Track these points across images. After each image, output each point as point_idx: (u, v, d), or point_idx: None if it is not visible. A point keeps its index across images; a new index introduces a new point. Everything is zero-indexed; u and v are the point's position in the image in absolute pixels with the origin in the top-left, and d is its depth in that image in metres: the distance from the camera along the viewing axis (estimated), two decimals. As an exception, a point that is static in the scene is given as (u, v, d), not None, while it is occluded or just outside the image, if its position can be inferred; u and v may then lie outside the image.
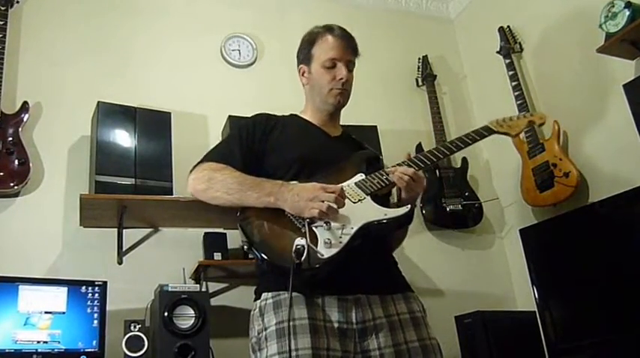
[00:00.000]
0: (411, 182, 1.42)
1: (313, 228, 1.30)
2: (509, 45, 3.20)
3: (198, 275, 2.54)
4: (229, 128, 2.74)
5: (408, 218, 1.39)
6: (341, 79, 1.53)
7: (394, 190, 1.54)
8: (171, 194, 2.51)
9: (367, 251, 1.35)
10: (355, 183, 1.43)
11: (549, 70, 3.09)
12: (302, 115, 1.64)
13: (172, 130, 2.65)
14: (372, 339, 1.33)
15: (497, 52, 3.23)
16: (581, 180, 2.74)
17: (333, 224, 1.31)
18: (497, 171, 3.40)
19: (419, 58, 3.53)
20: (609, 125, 2.73)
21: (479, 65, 3.61)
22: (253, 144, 1.50)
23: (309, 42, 1.61)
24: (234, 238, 2.71)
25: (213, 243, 2.59)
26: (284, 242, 1.27)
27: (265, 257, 1.30)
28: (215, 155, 1.51)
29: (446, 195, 3.14)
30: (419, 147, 3.18)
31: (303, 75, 1.63)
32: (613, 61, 2.62)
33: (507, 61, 3.16)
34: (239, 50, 3.19)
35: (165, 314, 2.20)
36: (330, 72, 1.54)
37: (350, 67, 1.57)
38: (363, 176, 1.45)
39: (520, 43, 3.24)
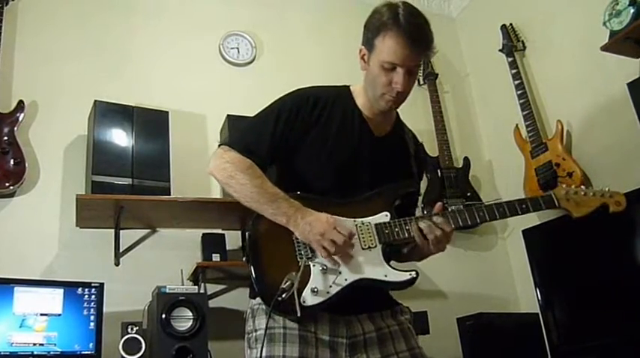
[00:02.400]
0: (439, 239, 1.33)
1: (310, 265, 1.30)
2: (512, 43, 3.19)
3: (196, 276, 2.52)
4: (228, 127, 2.72)
5: (409, 284, 1.33)
6: (397, 87, 1.38)
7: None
8: (169, 194, 2.50)
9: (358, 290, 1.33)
10: (375, 224, 1.35)
11: (552, 68, 3.07)
12: (355, 96, 1.48)
13: (170, 130, 2.64)
14: (361, 353, 1.34)
15: (500, 51, 3.22)
16: (585, 180, 2.71)
17: (329, 267, 1.29)
18: (500, 171, 3.38)
19: (420, 57, 3.50)
20: (613, 124, 2.70)
21: (481, 64, 3.59)
22: (290, 135, 1.40)
23: (375, 27, 1.38)
24: (233, 239, 2.71)
25: (212, 244, 2.58)
26: (277, 270, 1.28)
27: (253, 278, 1.32)
28: (243, 143, 1.40)
29: (448, 196, 3.11)
30: (421, 148, 3.15)
31: (362, 58, 1.44)
32: (617, 59, 2.59)
33: (510, 59, 3.14)
34: (238, 48, 3.18)
35: (163, 316, 2.19)
36: (388, 75, 1.37)
37: (413, 70, 1.41)
38: (388, 217, 1.36)
39: (523, 41, 3.22)
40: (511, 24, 3.25)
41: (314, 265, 1.29)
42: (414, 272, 1.33)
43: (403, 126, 1.59)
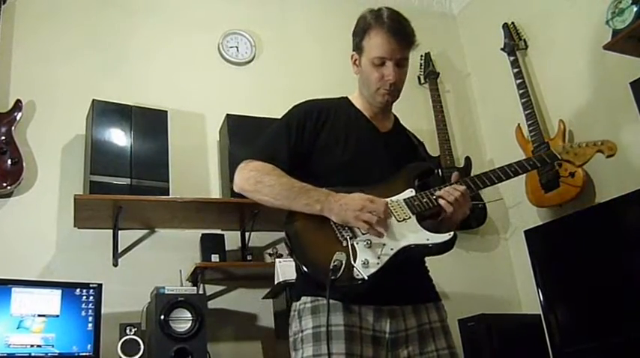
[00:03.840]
0: (456, 204, 1.39)
1: (354, 244, 1.32)
2: (514, 42, 3.17)
3: (195, 277, 2.52)
4: (227, 127, 2.71)
5: (450, 244, 1.37)
6: (388, 79, 1.47)
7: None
8: (168, 194, 2.49)
9: (404, 266, 1.35)
10: (404, 200, 1.41)
11: (555, 67, 3.05)
12: (354, 102, 1.58)
13: (169, 129, 2.63)
14: (402, 349, 1.36)
15: (502, 49, 3.20)
16: (588, 179, 2.70)
17: (374, 241, 1.32)
18: (502, 170, 3.36)
19: (421, 55, 3.48)
20: (616, 123, 2.69)
21: (483, 62, 3.57)
22: (302, 143, 1.47)
23: (361, 30, 1.51)
24: (232, 239, 2.71)
25: (211, 244, 2.57)
26: (324, 254, 1.29)
27: (304, 268, 1.33)
28: (263, 153, 1.46)
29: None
30: (422, 147, 3.14)
31: (354, 63, 1.55)
32: (620, 58, 2.58)
33: (512, 58, 3.13)
34: (237, 47, 3.16)
35: (162, 317, 2.18)
36: (379, 70, 1.47)
37: (401, 63, 1.50)
38: (413, 193, 1.43)
39: (525, 40, 3.21)
40: (513, 22, 3.23)
41: (357, 243, 1.32)
42: (452, 232, 1.37)
43: (403, 125, 1.67)
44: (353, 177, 1.44)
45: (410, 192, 1.42)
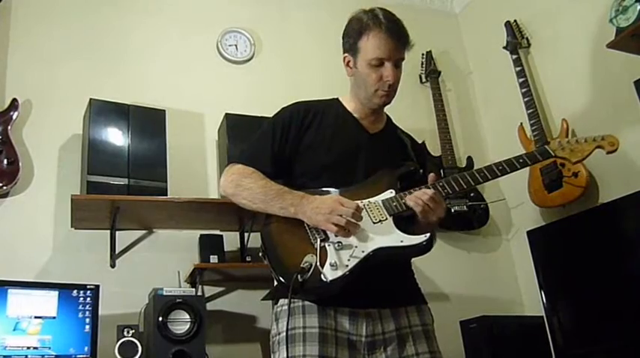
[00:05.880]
0: (426, 207, 1.37)
1: (325, 246, 1.32)
2: (516, 40, 3.15)
3: (193, 278, 2.50)
4: (226, 126, 2.70)
5: (425, 247, 1.35)
6: (388, 80, 1.47)
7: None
8: (166, 194, 2.48)
9: (382, 266, 1.35)
10: (382, 201, 1.41)
11: (558, 66, 3.03)
12: (345, 103, 1.58)
13: (167, 128, 2.61)
14: (380, 353, 1.36)
15: (504, 48, 3.18)
16: (591, 180, 2.68)
17: (345, 243, 1.32)
18: (504, 170, 3.35)
19: (422, 54, 3.46)
20: (619, 123, 2.66)
21: (485, 61, 3.56)
22: (286, 144, 1.49)
23: (356, 31, 1.50)
24: (231, 240, 2.70)
25: (210, 245, 2.55)
26: (294, 256, 1.30)
27: (275, 271, 1.34)
28: (246, 157, 1.51)
29: (451, 196, 3.07)
30: (422, 146, 3.12)
31: (347, 65, 1.55)
32: (624, 56, 2.56)
33: (514, 56, 3.11)
34: (236, 45, 3.14)
35: (160, 319, 2.18)
36: (377, 71, 1.47)
37: (399, 64, 1.50)
38: (393, 193, 1.43)
39: (527, 38, 3.18)
40: (515, 20, 3.22)
41: (329, 245, 1.33)
42: (428, 234, 1.35)
43: (395, 125, 1.66)
44: (336, 178, 1.45)
45: (389, 193, 1.42)
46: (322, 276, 1.26)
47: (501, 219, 3.25)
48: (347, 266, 1.29)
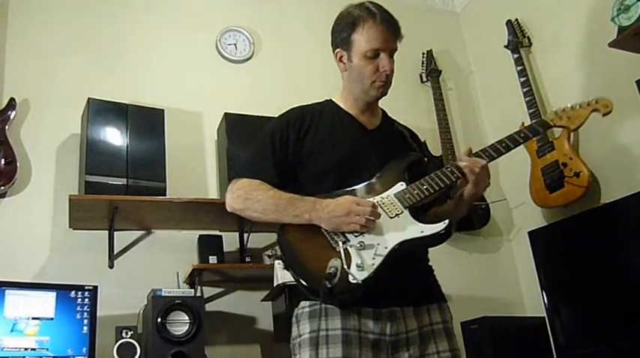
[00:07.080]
0: (480, 176, 1.42)
1: (348, 248, 1.31)
2: (518, 39, 3.14)
3: (192, 279, 2.50)
4: (225, 126, 2.68)
5: (446, 234, 1.35)
6: (385, 70, 1.47)
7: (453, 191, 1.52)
8: (165, 195, 2.48)
9: (403, 263, 1.34)
10: (394, 195, 1.41)
11: (559, 65, 3.03)
12: (338, 102, 1.57)
13: (166, 128, 2.61)
14: (403, 351, 1.36)
15: (505, 47, 3.18)
16: (593, 180, 2.67)
17: (367, 243, 1.32)
18: (505, 170, 3.33)
19: (423, 53, 3.46)
20: (622, 123, 2.65)
21: (486, 60, 3.55)
22: (288, 154, 1.48)
23: (349, 25, 1.49)
24: (231, 241, 2.69)
25: (209, 245, 2.55)
26: (318, 262, 1.29)
27: (300, 280, 1.32)
28: (249, 170, 1.49)
29: (451, 196, 3.05)
30: (424, 146, 3.11)
31: (340, 60, 1.53)
32: (625, 55, 2.55)
33: (515, 55, 3.10)
34: (235, 44, 3.14)
35: (159, 320, 2.17)
36: (373, 62, 1.47)
37: (393, 54, 1.50)
38: (404, 186, 1.42)
39: (529, 37, 3.18)
40: (517, 19, 3.21)
41: (351, 247, 1.32)
42: (447, 220, 1.35)
43: (391, 119, 1.66)
44: (343, 179, 1.44)
45: (400, 186, 1.41)
46: (351, 278, 1.25)
47: (503, 219, 3.25)
48: (373, 265, 1.28)
